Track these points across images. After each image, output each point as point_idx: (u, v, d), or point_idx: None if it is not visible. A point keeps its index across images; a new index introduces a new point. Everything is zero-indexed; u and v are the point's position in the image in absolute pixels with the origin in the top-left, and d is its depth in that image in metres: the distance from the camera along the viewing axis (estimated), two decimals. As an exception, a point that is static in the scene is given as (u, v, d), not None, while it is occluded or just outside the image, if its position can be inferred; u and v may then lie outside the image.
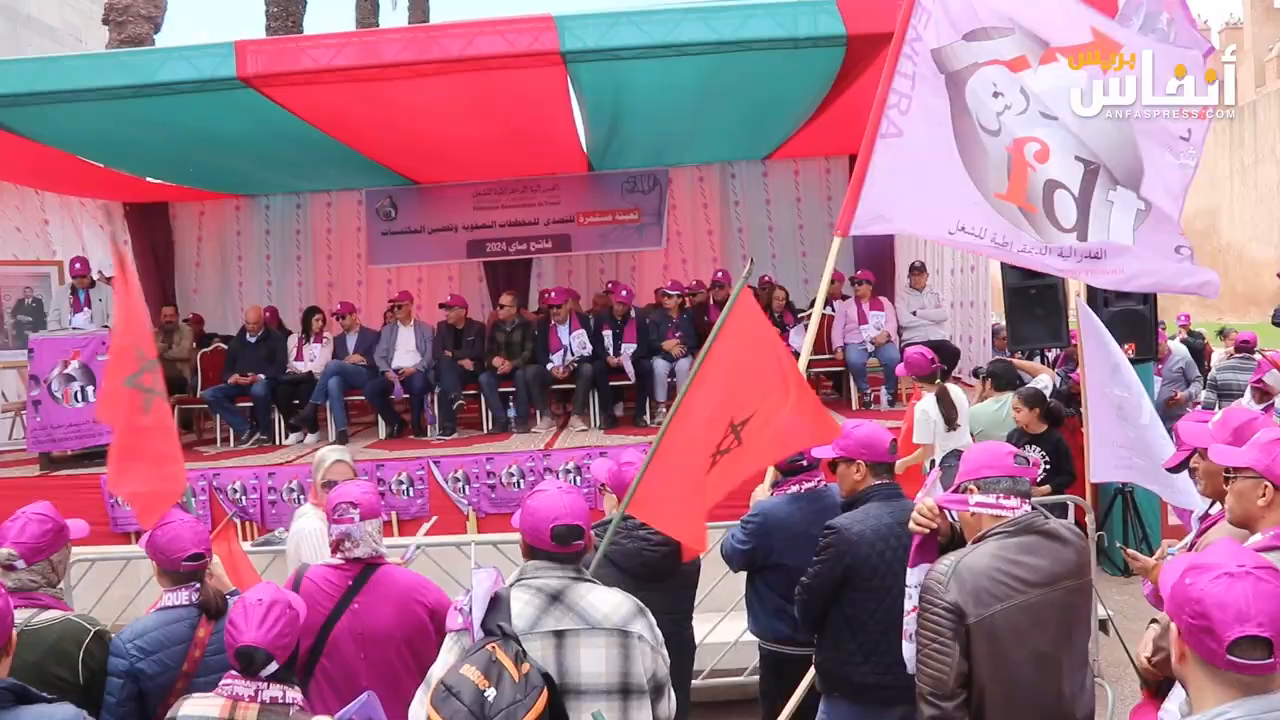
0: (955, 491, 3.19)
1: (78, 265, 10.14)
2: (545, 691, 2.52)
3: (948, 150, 4.88)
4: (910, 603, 3.17)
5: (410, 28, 13.89)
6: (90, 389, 9.01)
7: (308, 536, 4.45)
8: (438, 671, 2.70)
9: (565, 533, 2.88)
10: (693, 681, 5.54)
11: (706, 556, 4.76)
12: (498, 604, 2.71)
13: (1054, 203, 4.94)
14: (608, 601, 2.86)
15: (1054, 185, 4.96)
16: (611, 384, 9.96)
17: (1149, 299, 7.91)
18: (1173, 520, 7.73)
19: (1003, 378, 7.60)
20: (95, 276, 10.41)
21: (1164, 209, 4.96)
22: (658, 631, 2.91)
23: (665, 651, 2.92)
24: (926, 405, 6.90)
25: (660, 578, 3.90)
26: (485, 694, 2.46)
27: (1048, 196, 4.95)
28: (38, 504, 3.50)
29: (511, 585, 2.86)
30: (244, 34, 12.23)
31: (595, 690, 2.77)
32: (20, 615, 3.14)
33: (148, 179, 11.76)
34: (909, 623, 3.15)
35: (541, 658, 2.70)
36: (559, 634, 2.78)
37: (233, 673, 2.68)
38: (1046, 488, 6.77)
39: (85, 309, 9.94)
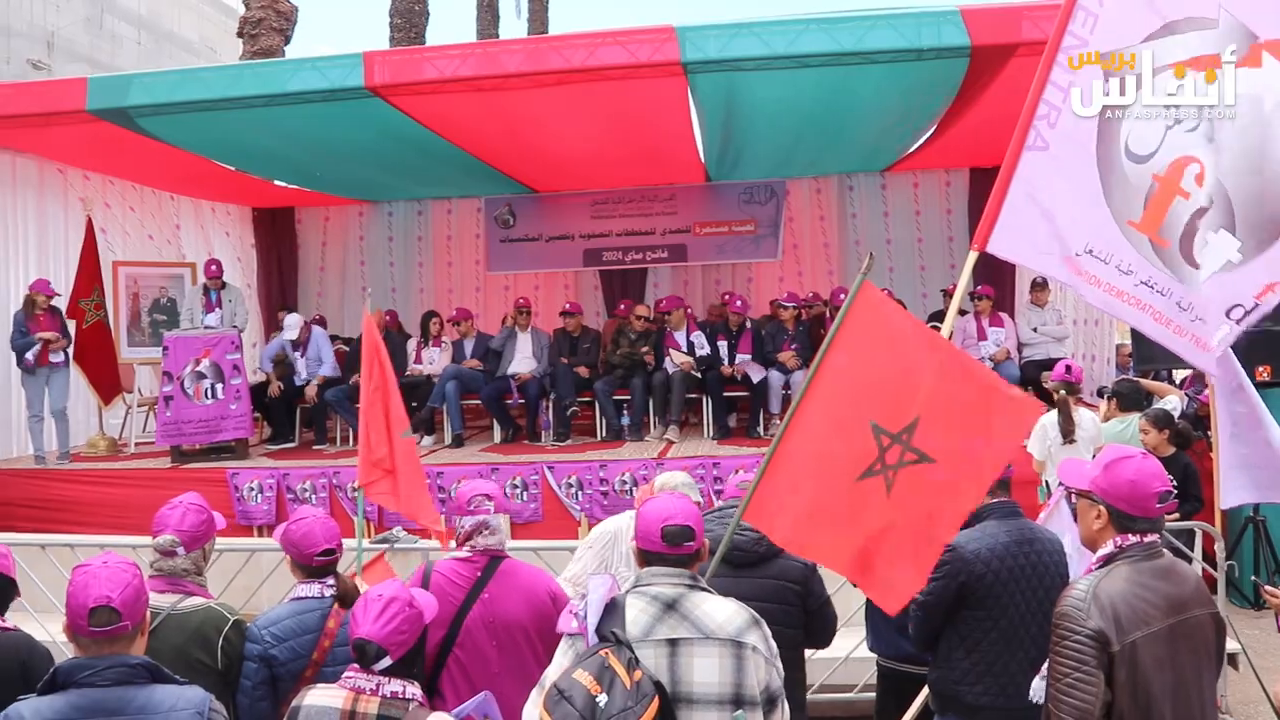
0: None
1: (213, 267, 10.49)
2: (656, 700, 2.54)
3: (1088, 168, 4.66)
4: None
5: (532, 38, 14.03)
6: (219, 386, 9.32)
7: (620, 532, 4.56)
8: (551, 674, 2.74)
9: (676, 532, 2.88)
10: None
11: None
12: (613, 610, 2.75)
13: (1195, 234, 4.63)
14: (722, 611, 2.84)
15: (1202, 212, 4.64)
16: (726, 394, 9.94)
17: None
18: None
19: (1128, 397, 7.39)
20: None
21: (1258, 265, 4.63)
22: (772, 643, 2.89)
23: (779, 664, 2.89)
24: (1046, 418, 6.77)
25: (751, 564, 3.84)
26: (597, 699, 2.49)
27: (1190, 227, 4.63)
28: (189, 494, 3.66)
29: (627, 592, 2.87)
30: (368, 45, 12.54)
31: (707, 700, 2.75)
32: (167, 600, 3.30)
33: (276, 183, 12.14)
34: None
35: (654, 666, 2.70)
36: (673, 642, 2.78)
37: (355, 666, 2.74)
38: (1174, 514, 6.55)
39: (216, 309, 10.27)
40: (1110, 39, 4.59)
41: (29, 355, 9.38)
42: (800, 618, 3.87)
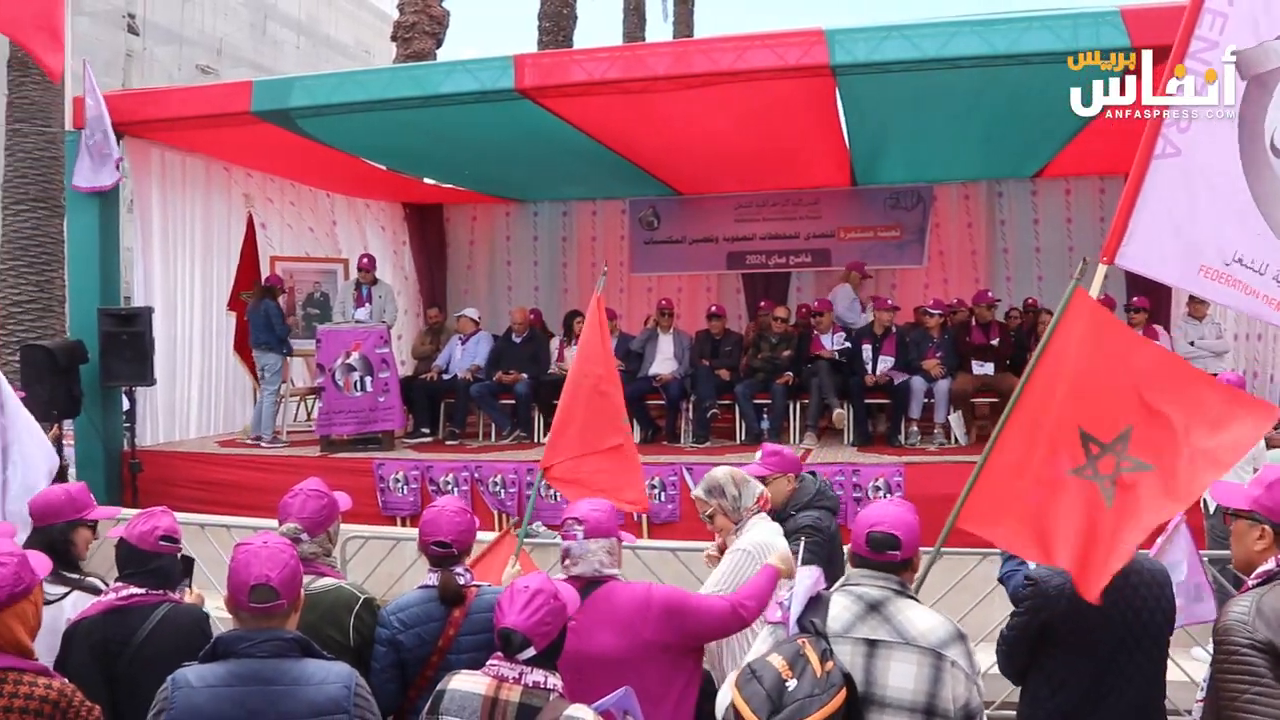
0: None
1: (365, 260, 10.79)
2: (844, 692, 2.58)
3: (1232, 172, 4.42)
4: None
5: (680, 41, 14.09)
6: (369, 379, 9.60)
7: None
8: (750, 657, 2.83)
9: (880, 540, 2.94)
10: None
11: (956, 585, 4.62)
12: (817, 603, 2.84)
13: None
14: (926, 620, 2.85)
15: None
16: (866, 400, 9.81)
17: None
18: None
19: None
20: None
21: None
22: (976, 660, 2.86)
23: (981, 683, 2.87)
24: None
25: None
26: (786, 683, 2.56)
27: None
28: (310, 480, 3.79)
29: (835, 589, 2.94)
30: (517, 48, 12.81)
31: (899, 706, 2.75)
32: None
33: (425, 181, 12.45)
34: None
35: (850, 663, 2.75)
36: (871, 643, 2.81)
37: (498, 654, 2.80)
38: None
39: (367, 304, 10.55)
40: (1245, 36, 4.39)
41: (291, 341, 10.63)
42: None
